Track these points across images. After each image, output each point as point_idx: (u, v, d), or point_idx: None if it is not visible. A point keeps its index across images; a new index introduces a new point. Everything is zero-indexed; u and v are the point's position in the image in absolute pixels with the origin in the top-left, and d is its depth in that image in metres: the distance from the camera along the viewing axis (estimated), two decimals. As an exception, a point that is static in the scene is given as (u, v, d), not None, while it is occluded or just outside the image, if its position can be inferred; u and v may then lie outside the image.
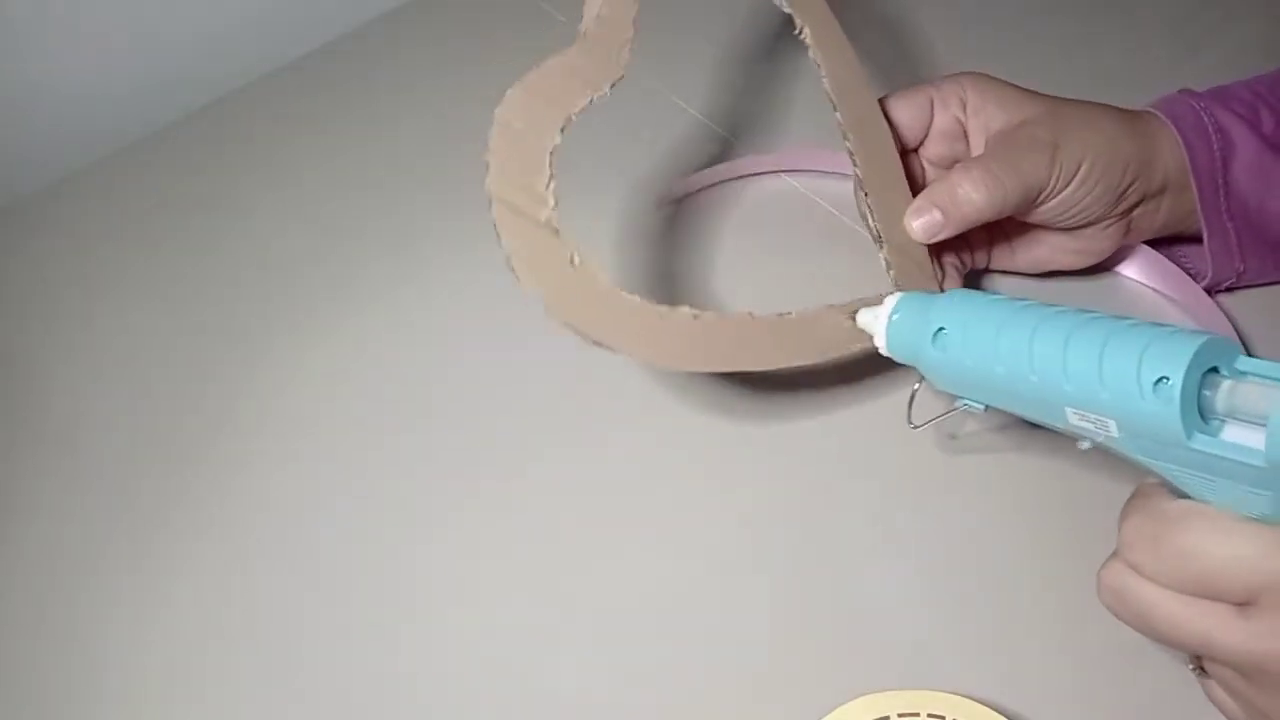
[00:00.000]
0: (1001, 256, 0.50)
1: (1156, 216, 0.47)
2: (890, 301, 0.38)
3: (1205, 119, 0.46)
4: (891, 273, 0.43)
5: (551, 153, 0.34)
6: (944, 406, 0.39)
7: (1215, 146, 0.46)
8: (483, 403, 0.49)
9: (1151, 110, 0.46)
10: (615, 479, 0.45)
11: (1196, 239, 0.48)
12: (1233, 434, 0.29)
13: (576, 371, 0.49)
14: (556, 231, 0.34)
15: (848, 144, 0.42)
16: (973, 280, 0.50)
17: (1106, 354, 0.30)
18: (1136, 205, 0.46)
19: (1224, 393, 0.29)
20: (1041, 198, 0.43)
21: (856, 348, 0.39)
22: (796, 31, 0.41)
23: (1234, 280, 0.49)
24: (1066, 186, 0.43)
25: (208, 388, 0.53)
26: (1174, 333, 0.30)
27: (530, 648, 0.42)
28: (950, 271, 0.47)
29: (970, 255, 0.49)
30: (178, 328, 0.56)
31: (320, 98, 0.67)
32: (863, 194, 0.43)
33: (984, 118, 0.45)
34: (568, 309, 0.34)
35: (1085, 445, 0.33)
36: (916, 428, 0.40)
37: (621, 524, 0.45)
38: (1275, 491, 0.28)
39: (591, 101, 0.35)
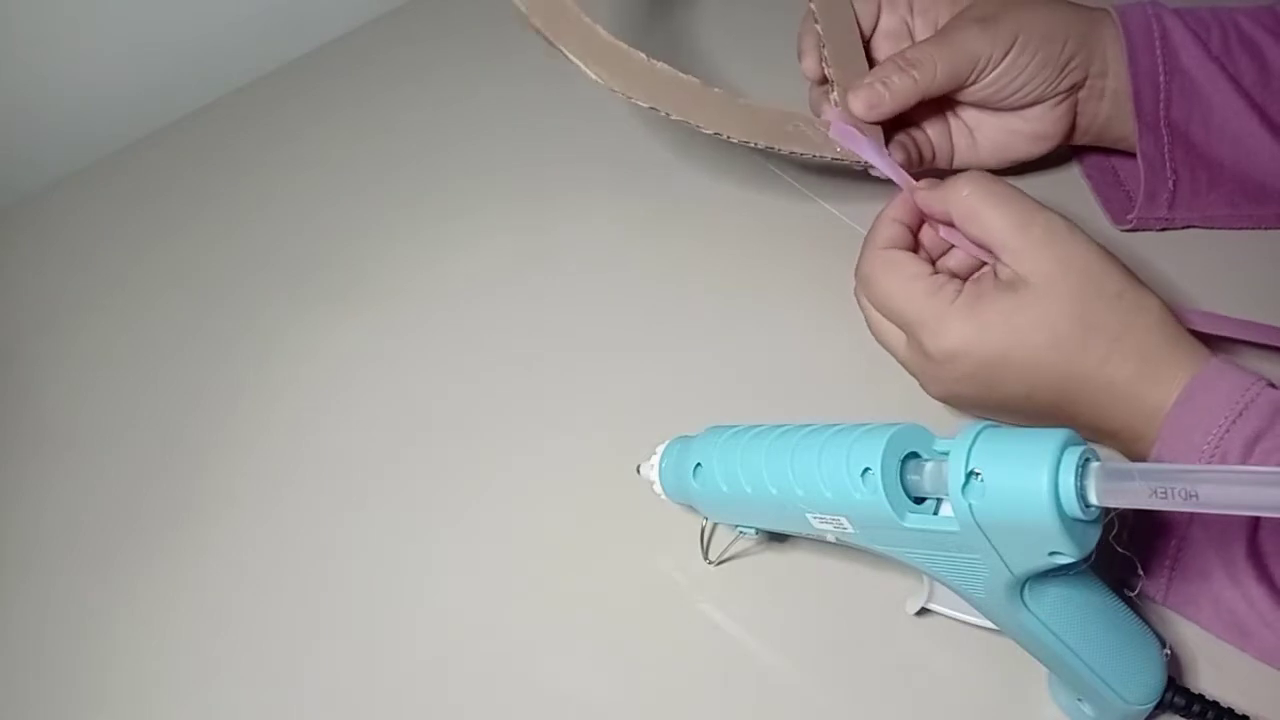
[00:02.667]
0: (963, 149, 0.52)
1: (1101, 104, 0.49)
2: (659, 450, 0.41)
3: (1153, 23, 0.48)
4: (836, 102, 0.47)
5: None
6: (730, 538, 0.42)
7: (1157, 48, 0.47)
8: (487, 400, 0.50)
9: (1104, 9, 0.48)
10: (616, 477, 0.44)
11: (1134, 155, 0.49)
12: (945, 510, 0.32)
13: (579, 368, 0.50)
14: None
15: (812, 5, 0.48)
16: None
17: (823, 457, 0.34)
18: (1080, 85, 0.48)
19: (928, 474, 0.32)
20: (980, 71, 0.46)
21: (793, 147, 0.45)
22: None
23: (1167, 203, 0.50)
24: (1004, 58, 0.46)
25: (209, 388, 0.53)
26: (873, 429, 0.33)
27: (532, 647, 0.42)
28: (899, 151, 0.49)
29: (929, 141, 0.51)
30: (178, 327, 0.56)
31: (320, 98, 0.68)
32: (822, 56, 0.48)
33: (933, 15, 0.49)
34: (545, 21, 0.41)
35: (831, 539, 0.36)
36: (713, 563, 0.42)
37: (622, 523, 0.45)
38: (983, 554, 0.31)
39: None
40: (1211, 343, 0.40)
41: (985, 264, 0.43)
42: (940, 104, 0.50)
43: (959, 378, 0.40)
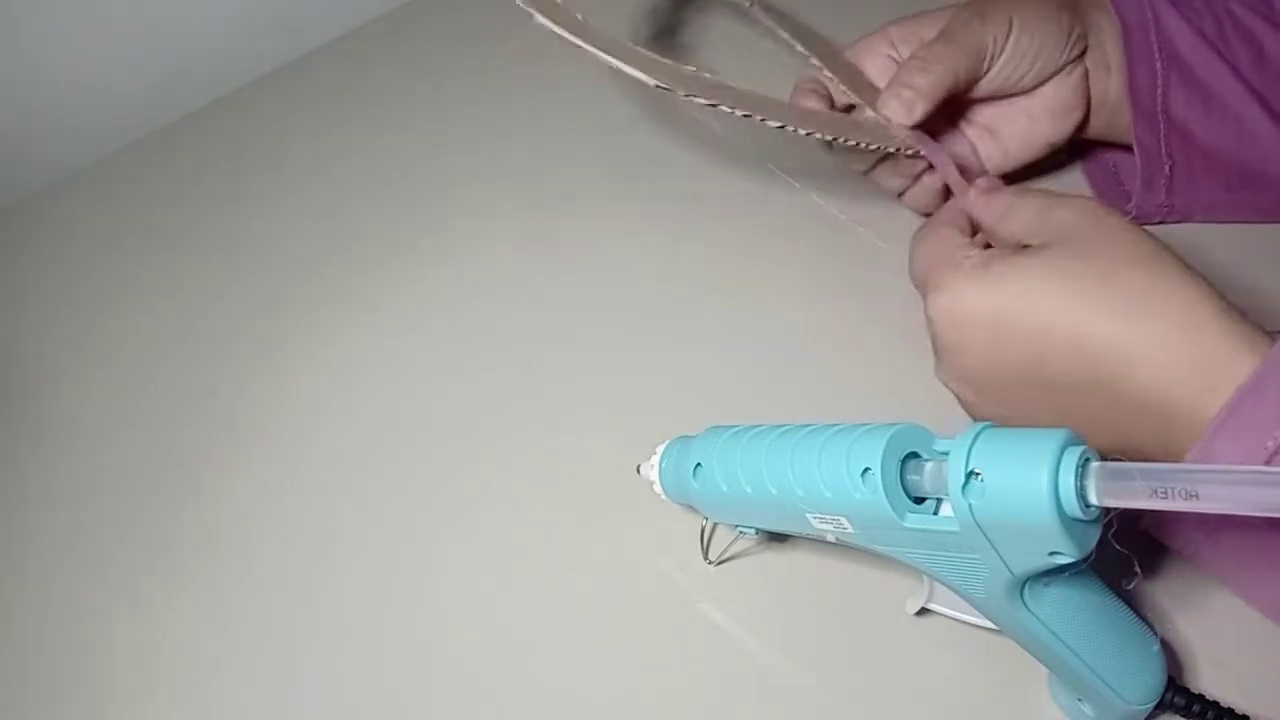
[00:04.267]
0: (994, 155, 0.51)
1: (1110, 77, 0.49)
2: (659, 450, 0.41)
3: (1147, 11, 0.47)
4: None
5: None
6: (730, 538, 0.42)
7: (1152, 35, 0.47)
8: (487, 400, 0.50)
9: None
10: (616, 477, 0.44)
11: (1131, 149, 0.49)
12: (945, 510, 0.32)
13: (579, 368, 0.50)
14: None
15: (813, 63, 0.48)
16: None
17: (823, 457, 0.34)
18: (1086, 52, 0.48)
19: (928, 474, 0.32)
20: (990, 57, 0.46)
21: (860, 137, 0.44)
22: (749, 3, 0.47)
23: (1165, 188, 0.49)
24: (1008, 40, 0.46)
25: (209, 387, 0.53)
26: (873, 429, 0.33)
27: (532, 647, 0.42)
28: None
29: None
30: (179, 327, 0.56)
31: (320, 98, 0.68)
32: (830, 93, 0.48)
33: (916, 40, 0.49)
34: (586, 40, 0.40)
35: (831, 539, 0.35)
36: (713, 563, 0.42)
37: (622, 523, 0.45)
38: (983, 554, 0.31)
39: None
40: None
41: None
42: (954, 117, 0.50)
43: (959, 343, 0.37)
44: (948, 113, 0.50)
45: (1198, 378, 0.33)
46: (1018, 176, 0.53)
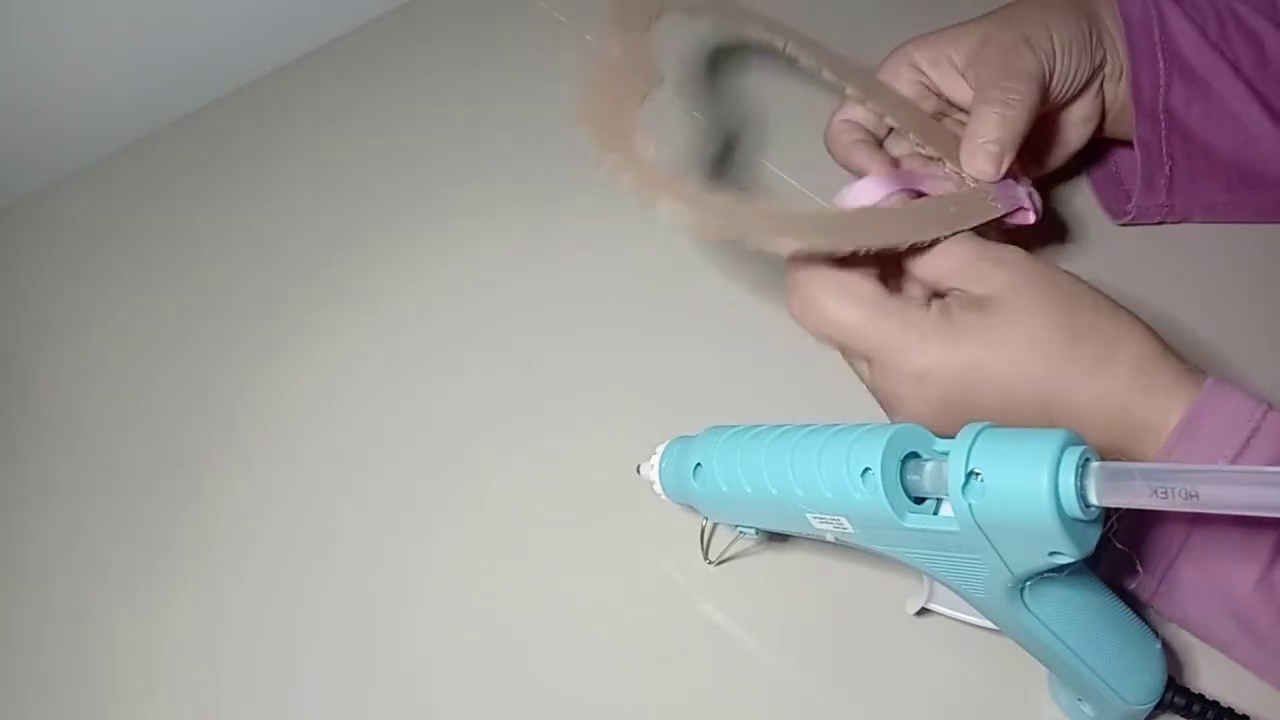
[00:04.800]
0: (1026, 164, 0.49)
1: (1120, 82, 0.48)
2: (659, 450, 0.41)
3: (1151, 10, 0.47)
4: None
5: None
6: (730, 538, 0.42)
7: (1156, 35, 0.47)
8: (487, 400, 0.50)
9: None
10: (616, 477, 0.44)
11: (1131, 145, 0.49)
12: (945, 510, 0.32)
13: (579, 368, 0.51)
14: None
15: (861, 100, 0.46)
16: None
17: (823, 457, 0.34)
18: (1104, 58, 0.48)
19: (928, 474, 0.32)
20: (1050, 79, 0.45)
21: (964, 226, 0.41)
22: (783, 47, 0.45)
23: (1165, 188, 0.49)
24: (1056, 57, 0.45)
25: (209, 388, 0.53)
26: (873, 429, 0.33)
27: (532, 647, 0.42)
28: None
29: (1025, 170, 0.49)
30: (178, 327, 0.56)
31: (320, 98, 0.68)
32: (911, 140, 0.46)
33: (944, 60, 0.47)
34: (707, 226, 0.37)
35: (831, 539, 0.36)
36: (713, 563, 0.42)
37: (622, 523, 0.45)
38: (983, 554, 0.31)
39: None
40: None
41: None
42: None
43: (931, 400, 0.37)
44: None
45: (1155, 418, 0.35)
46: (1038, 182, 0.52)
